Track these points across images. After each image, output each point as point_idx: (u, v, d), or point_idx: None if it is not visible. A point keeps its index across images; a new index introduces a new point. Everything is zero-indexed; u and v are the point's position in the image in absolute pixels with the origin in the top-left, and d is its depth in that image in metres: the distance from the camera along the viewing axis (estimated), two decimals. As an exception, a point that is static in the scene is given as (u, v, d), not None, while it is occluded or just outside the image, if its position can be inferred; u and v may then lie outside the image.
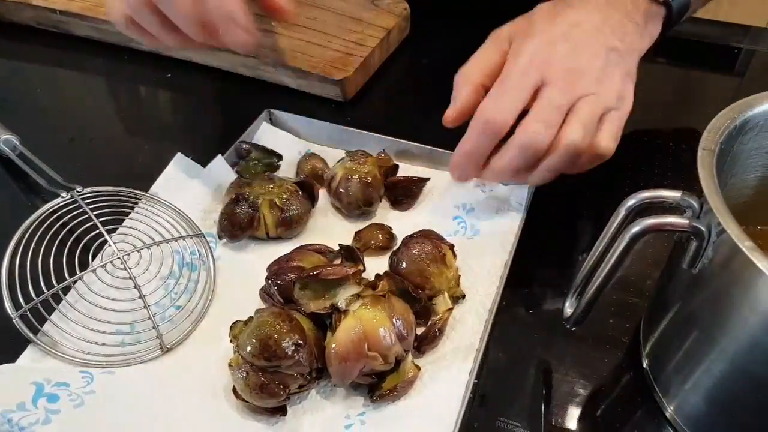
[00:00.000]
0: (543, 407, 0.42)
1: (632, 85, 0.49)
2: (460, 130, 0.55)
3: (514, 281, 0.48)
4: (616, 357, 0.44)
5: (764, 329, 0.31)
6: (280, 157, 0.57)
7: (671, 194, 0.35)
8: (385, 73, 0.70)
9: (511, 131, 0.47)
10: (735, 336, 0.33)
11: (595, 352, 0.45)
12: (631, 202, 0.36)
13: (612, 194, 0.56)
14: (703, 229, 0.33)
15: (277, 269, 0.46)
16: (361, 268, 0.48)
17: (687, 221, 0.33)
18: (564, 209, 0.55)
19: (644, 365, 0.43)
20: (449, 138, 0.56)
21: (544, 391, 0.43)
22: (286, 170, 0.58)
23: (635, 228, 0.34)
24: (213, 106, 0.69)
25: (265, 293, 0.47)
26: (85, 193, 0.49)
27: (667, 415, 0.41)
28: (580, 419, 0.41)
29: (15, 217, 0.55)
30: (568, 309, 0.40)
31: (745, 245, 0.29)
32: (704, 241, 0.33)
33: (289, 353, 0.40)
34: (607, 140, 0.47)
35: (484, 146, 0.48)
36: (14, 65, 0.73)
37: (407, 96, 0.69)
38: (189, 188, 0.54)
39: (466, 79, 0.50)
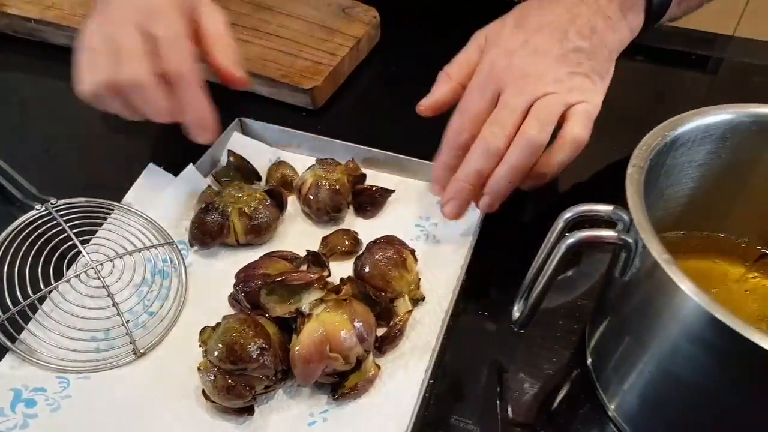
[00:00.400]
0: (495, 405, 0.44)
1: (602, 82, 0.51)
2: (426, 137, 0.57)
3: (470, 286, 0.51)
4: (564, 356, 0.47)
5: (683, 335, 0.34)
6: (259, 178, 0.59)
7: (604, 208, 0.38)
8: (354, 81, 0.72)
9: None
10: (659, 340, 0.36)
11: (545, 351, 0.47)
12: (568, 214, 0.39)
13: (564, 205, 0.60)
14: (631, 241, 0.36)
15: (244, 276, 0.49)
16: (326, 273, 0.50)
17: (616, 234, 0.36)
18: (517, 219, 0.58)
19: (588, 365, 0.46)
20: (417, 145, 0.58)
21: (496, 390, 0.45)
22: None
23: (570, 240, 0.37)
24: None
25: (233, 299, 0.49)
26: (59, 205, 0.51)
27: (609, 413, 0.43)
28: (529, 416, 0.44)
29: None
30: (516, 313, 0.43)
31: (663, 258, 0.32)
32: (632, 252, 0.36)
33: (254, 357, 0.42)
34: (577, 128, 0.48)
35: (455, 162, 0.51)
36: (-12, 74, 0.75)
37: (376, 104, 0.71)
38: (161, 197, 0.56)
39: (447, 77, 0.54)
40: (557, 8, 0.51)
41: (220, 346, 0.42)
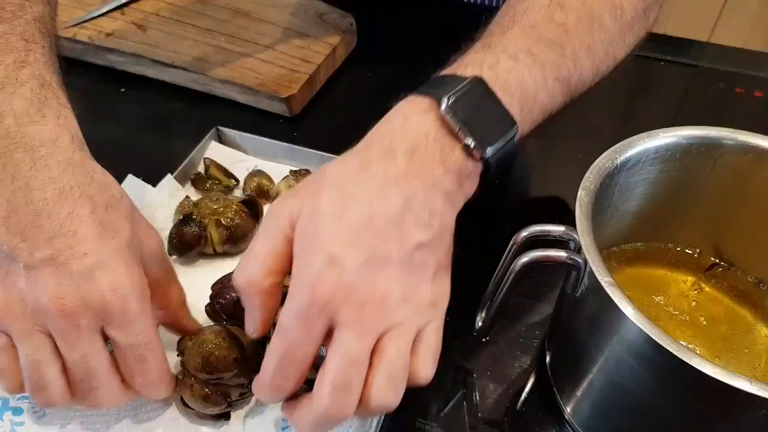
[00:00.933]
0: (459, 409, 0.47)
1: (447, 276, 0.41)
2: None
3: None
4: (525, 362, 0.50)
5: (625, 350, 0.36)
6: (237, 181, 0.61)
7: (556, 229, 0.40)
8: (331, 87, 0.74)
9: None
10: (606, 353, 0.39)
11: (508, 357, 0.50)
12: (523, 233, 0.41)
13: (523, 222, 0.62)
14: (580, 261, 0.38)
15: (220, 288, 0.51)
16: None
17: (566, 255, 0.39)
18: (479, 234, 0.59)
19: (548, 370, 0.48)
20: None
21: (461, 393, 0.48)
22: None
23: (524, 258, 0.39)
24: (164, 122, 0.72)
25: (210, 310, 0.51)
26: (41, 217, 0.53)
27: (566, 417, 0.46)
28: (491, 419, 0.47)
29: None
30: (479, 322, 0.45)
31: (605, 281, 0.35)
32: (581, 271, 0.39)
33: (229, 367, 0.44)
34: (425, 368, 0.39)
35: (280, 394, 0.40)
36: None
37: (353, 111, 0.72)
38: (140, 208, 0.57)
39: (251, 284, 0.39)
40: (386, 186, 0.37)
41: (197, 357, 0.44)
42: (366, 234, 0.36)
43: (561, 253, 0.39)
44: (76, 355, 0.39)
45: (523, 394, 0.48)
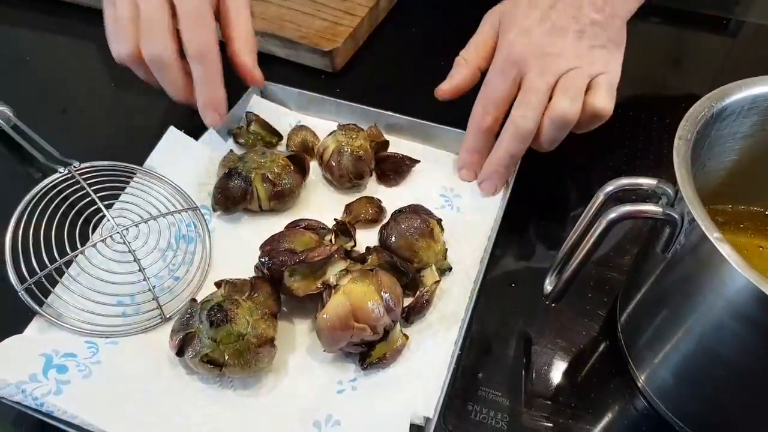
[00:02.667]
0: (522, 377, 0.44)
1: (618, 51, 0.52)
2: (448, 103, 0.56)
3: (498, 257, 0.51)
4: (594, 329, 0.47)
5: (728, 313, 0.33)
6: (280, 137, 0.58)
7: (648, 182, 0.37)
8: (374, 42, 0.71)
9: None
10: (702, 318, 0.35)
11: (574, 324, 0.47)
12: (609, 188, 0.38)
13: (595, 175, 0.58)
14: (676, 216, 0.35)
15: (269, 250, 0.47)
16: (351, 244, 0.50)
17: (661, 209, 0.35)
18: (547, 189, 0.57)
19: (619, 338, 0.46)
20: (439, 110, 0.57)
21: (524, 361, 0.46)
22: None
23: (612, 214, 0.36)
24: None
25: (257, 271, 0.49)
26: (82, 169, 0.50)
27: (639, 385, 0.43)
28: (558, 389, 0.44)
29: (14, 190, 0.56)
30: (548, 286, 0.42)
31: (714, 237, 0.31)
32: (677, 228, 0.35)
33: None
34: (601, 99, 0.49)
35: (482, 146, 0.53)
36: (3, 32, 0.73)
37: (396, 66, 0.70)
38: (182, 161, 0.55)
39: (465, 61, 0.55)
40: None
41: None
42: (551, 13, 0.51)
43: (656, 208, 0.35)
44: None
45: (591, 363, 0.46)
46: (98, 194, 0.49)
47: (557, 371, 0.45)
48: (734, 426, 0.41)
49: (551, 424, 0.42)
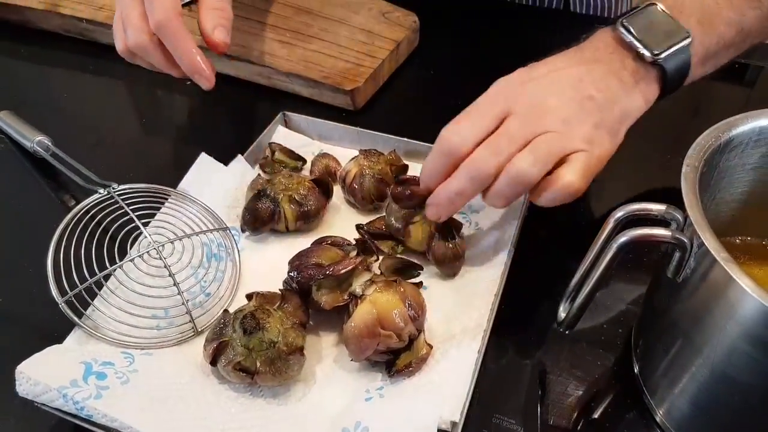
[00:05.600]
0: (538, 406, 0.45)
1: (610, 140, 0.48)
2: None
3: (513, 282, 0.52)
4: (609, 360, 0.47)
5: (740, 335, 0.34)
6: (304, 161, 0.61)
7: (657, 207, 0.38)
8: (394, 83, 0.74)
9: None
10: (715, 342, 0.36)
11: (589, 355, 0.48)
12: (619, 213, 0.39)
13: (609, 204, 0.60)
14: (686, 240, 0.36)
15: (298, 264, 0.49)
16: (374, 258, 0.52)
17: (670, 233, 0.36)
18: (561, 216, 0.58)
19: (635, 369, 0.46)
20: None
21: (538, 391, 0.46)
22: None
23: (622, 238, 0.37)
24: (231, 111, 0.73)
25: (285, 285, 0.51)
26: (120, 190, 0.53)
27: (657, 418, 0.44)
28: (572, 419, 0.44)
29: (54, 211, 0.59)
30: (562, 313, 0.43)
31: (721, 257, 0.32)
32: (687, 252, 0.36)
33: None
34: (571, 173, 0.45)
35: (442, 167, 0.48)
36: (42, 70, 0.77)
37: (414, 105, 0.73)
38: (213, 185, 0.58)
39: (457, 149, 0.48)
40: (572, 60, 0.50)
41: None
42: (551, 78, 0.49)
43: (665, 231, 0.36)
44: None
45: (606, 394, 0.46)
46: (136, 213, 0.51)
47: (572, 401, 0.45)
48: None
49: (566, 456, 0.42)
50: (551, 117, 0.47)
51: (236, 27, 0.75)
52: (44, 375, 0.42)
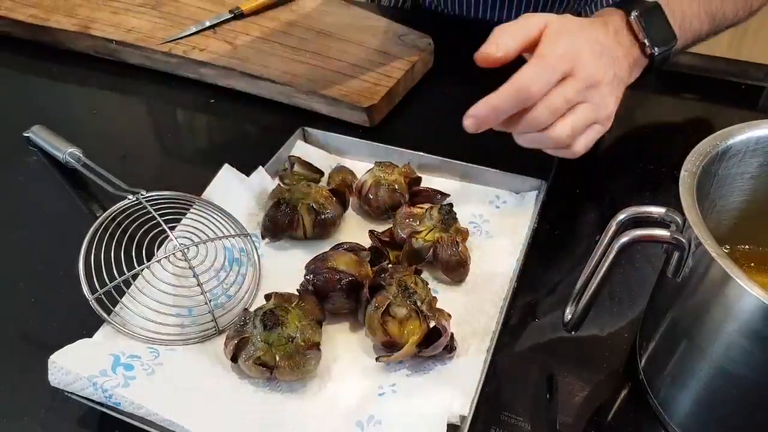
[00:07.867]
0: (545, 405, 0.46)
1: (614, 108, 0.56)
2: (476, 156, 0.61)
3: (522, 287, 0.53)
4: (615, 361, 0.49)
5: (738, 331, 0.35)
6: (322, 174, 0.64)
7: (657, 210, 0.40)
8: (409, 102, 0.77)
9: None
10: (713, 339, 0.37)
11: (596, 357, 0.49)
12: (621, 216, 0.41)
13: (612, 209, 0.63)
14: (684, 241, 0.38)
15: (314, 267, 0.52)
16: (387, 261, 0.55)
17: (669, 233, 0.38)
18: (568, 221, 0.61)
19: (640, 371, 0.47)
20: (466, 159, 0.63)
21: (546, 393, 0.48)
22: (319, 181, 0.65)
23: (623, 239, 0.38)
24: (251, 127, 0.77)
25: (302, 288, 0.53)
26: (148, 197, 0.56)
27: (662, 419, 0.45)
28: (579, 419, 0.46)
29: (82, 218, 0.62)
30: (567, 315, 0.44)
31: (717, 253, 0.34)
32: (685, 252, 0.38)
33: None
34: (581, 146, 0.54)
35: (509, 108, 0.51)
36: (73, 89, 0.82)
37: (429, 123, 0.76)
38: (235, 194, 0.61)
39: (507, 33, 0.53)
40: (607, 36, 0.56)
41: None
42: (599, 50, 0.54)
43: (664, 232, 0.38)
44: None
45: (613, 396, 0.47)
46: (163, 218, 0.54)
47: (578, 401, 0.46)
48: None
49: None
50: (597, 92, 0.53)
51: (259, 48, 0.80)
52: (75, 365, 0.45)
